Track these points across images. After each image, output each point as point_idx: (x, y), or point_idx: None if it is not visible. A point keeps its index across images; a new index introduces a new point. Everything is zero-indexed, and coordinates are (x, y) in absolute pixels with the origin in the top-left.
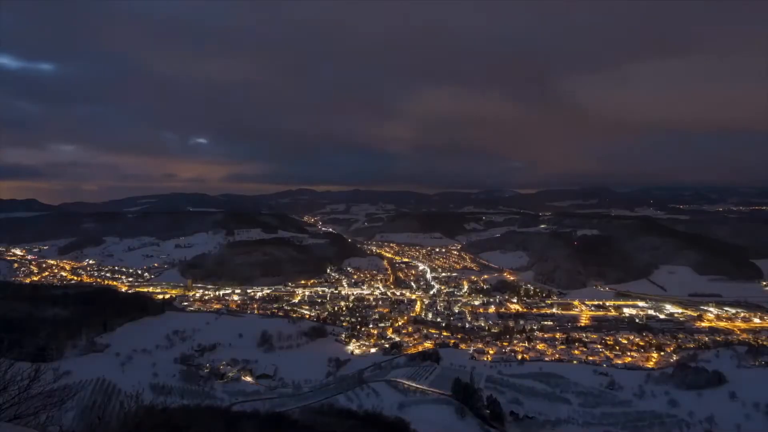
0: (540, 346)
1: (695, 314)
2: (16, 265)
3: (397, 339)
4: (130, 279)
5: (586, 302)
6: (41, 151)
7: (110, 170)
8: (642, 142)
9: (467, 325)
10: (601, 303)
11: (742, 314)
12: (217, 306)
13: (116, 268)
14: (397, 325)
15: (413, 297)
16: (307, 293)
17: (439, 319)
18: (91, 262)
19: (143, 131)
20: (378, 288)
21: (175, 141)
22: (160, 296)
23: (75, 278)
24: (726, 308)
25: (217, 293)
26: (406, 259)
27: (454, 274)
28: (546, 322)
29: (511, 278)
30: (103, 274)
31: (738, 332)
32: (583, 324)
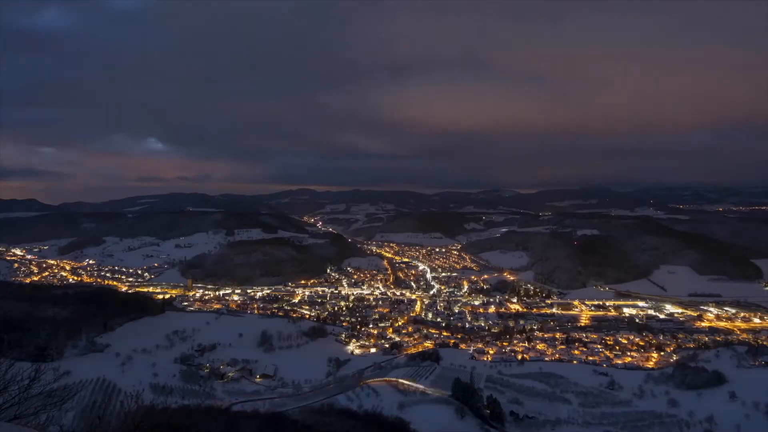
0: (540, 346)
1: (695, 314)
2: (16, 265)
3: (397, 339)
4: (130, 279)
5: (586, 302)
6: None
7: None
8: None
9: (467, 325)
10: (601, 303)
11: (742, 314)
12: (217, 306)
13: (116, 268)
14: (397, 325)
15: (413, 297)
16: (307, 293)
17: (439, 319)
18: (91, 262)
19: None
20: (378, 288)
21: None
22: (160, 296)
23: (75, 278)
24: (726, 308)
25: (217, 293)
26: (406, 259)
27: (454, 274)
28: (546, 322)
29: (511, 278)
30: (103, 274)
31: (738, 332)
32: (583, 324)
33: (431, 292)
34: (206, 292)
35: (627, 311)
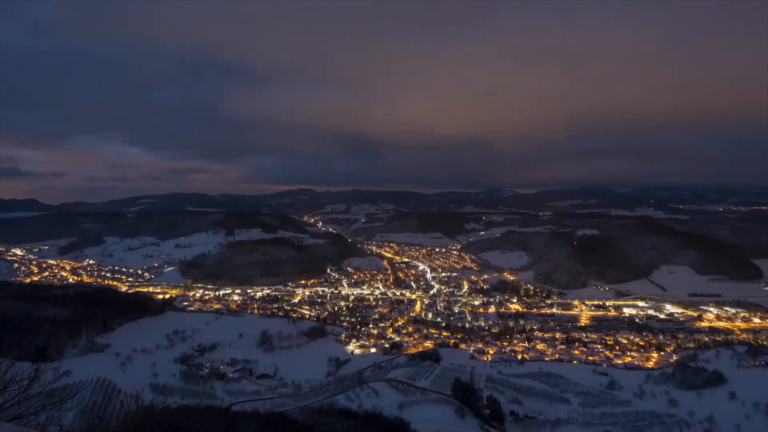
0: (540, 346)
1: (695, 314)
2: (16, 265)
3: (397, 339)
4: (130, 279)
5: (586, 302)
6: None
7: None
8: None
9: (467, 325)
10: (601, 303)
11: (742, 314)
12: (217, 306)
13: (116, 268)
14: (397, 325)
15: (413, 297)
16: (307, 293)
17: (439, 319)
18: (91, 262)
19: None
20: (378, 288)
21: None
22: (160, 296)
23: (75, 278)
24: (726, 308)
25: (217, 293)
26: (406, 259)
27: (454, 274)
28: (546, 322)
29: (511, 278)
30: (103, 274)
31: (738, 332)
32: (583, 324)
33: (431, 292)
34: (206, 292)
35: (627, 311)
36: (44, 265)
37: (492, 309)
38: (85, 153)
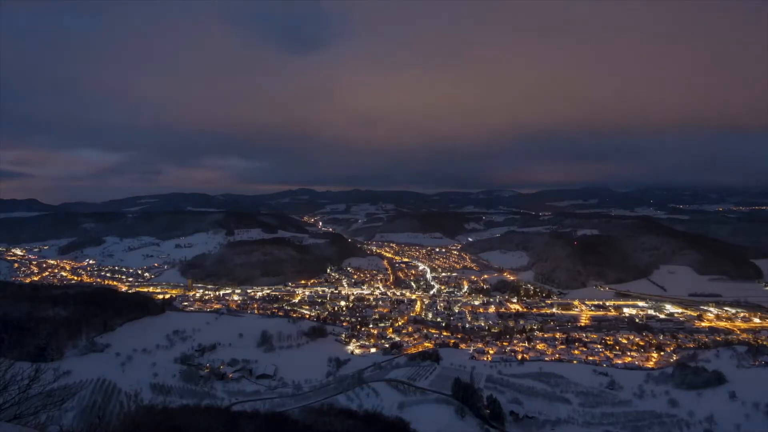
0: (540, 346)
1: (695, 314)
2: (16, 265)
3: (397, 339)
4: (130, 279)
5: (586, 302)
6: None
7: None
8: None
9: (467, 325)
10: (601, 303)
11: (742, 314)
12: (217, 306)
13: (116, 268)
14: (397, 325)
15: (413, 297)
16: (307, 293)
17: (439, 319)
18: (91, 262)
19: None
20: (378, 288)
21: None
22: (160, 296)
23: (75, 278)
24: (726, 308)
25: (217, 293)
26: (406, 259)
27: (454, 274)
28: (546, 322)
29: (511, 278)
30: (103, 274)
31: (738, 332)
32: (583, 324)
33: (431, 292)
34: (206, 292)
35: (627, 311)
36: (44, 265)
37: (492, 309)
38: None
